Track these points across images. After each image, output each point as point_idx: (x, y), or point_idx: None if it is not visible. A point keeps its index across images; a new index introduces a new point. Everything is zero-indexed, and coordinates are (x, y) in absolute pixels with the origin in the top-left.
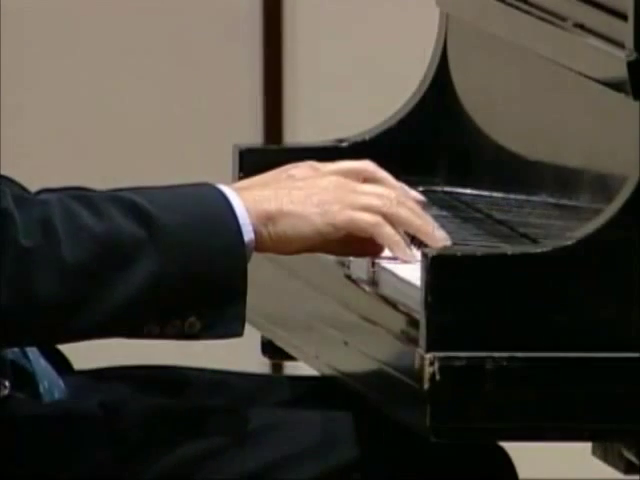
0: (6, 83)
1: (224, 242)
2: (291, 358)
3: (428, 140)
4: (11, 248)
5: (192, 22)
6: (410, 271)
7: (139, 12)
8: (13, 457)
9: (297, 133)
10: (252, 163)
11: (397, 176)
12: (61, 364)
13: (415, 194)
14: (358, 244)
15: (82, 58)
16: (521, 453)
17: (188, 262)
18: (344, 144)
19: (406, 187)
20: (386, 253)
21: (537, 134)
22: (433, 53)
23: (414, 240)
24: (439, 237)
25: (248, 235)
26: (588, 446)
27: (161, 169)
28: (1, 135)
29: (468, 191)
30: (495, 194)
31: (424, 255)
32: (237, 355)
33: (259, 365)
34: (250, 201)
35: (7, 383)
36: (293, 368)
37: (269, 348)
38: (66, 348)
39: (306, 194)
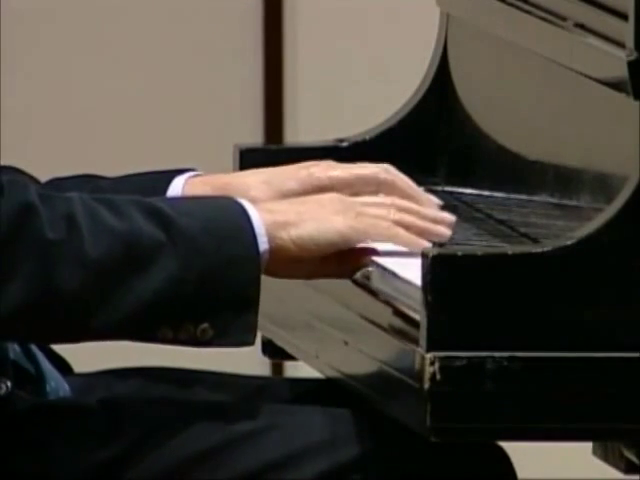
0: (6, 81)
1: (240, 250)
2: (291, 358)
3: (428, 140)
4: (37, 241)
5: (193, 22)
6: (410, 271)
7: (139, 12)
8: (14, 453)
9: (297, 133)
10: (252, 163)
11: None
12: (61, 366)
13: (435, 200)
14: (351, 263)
15: (81, 57)
16: (521, 453)
17: (205, 267)
18: (344, 144)
19: (428, 195)
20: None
21: (537, 134)
22: (433, 53)
23: None
24: (442, 232)
25: (263, 246)
26: (588, 446)
27: (161, 169)
28: (1, 131)
29: (468, 191)
30: (495, 194)
31: (424, 255)
32: (237, 355)
33: (259, 365)
34: (265, 212)
35: (8, 383)
36: (293, 368)
37: (269, 348)
38: (65, 351)
39: (319, 205)
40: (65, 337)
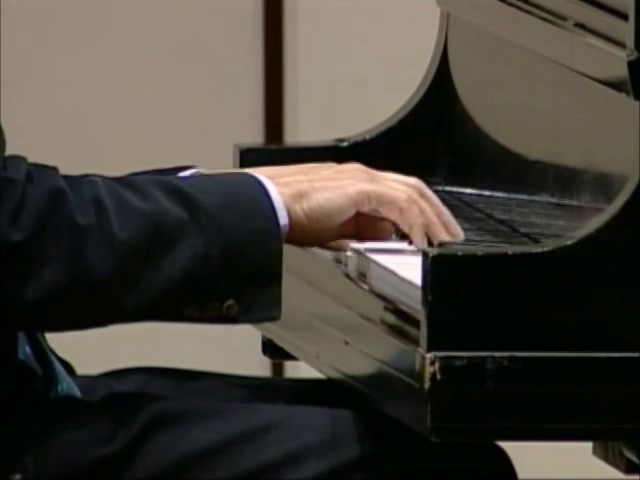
0: (6, 81)
1: (261, 225)
2: (291, 358)
3: (428, 140)
4: (68, 227)
5: (193, 22)
6: (411, 270)
7: (140, 12)
8: (15, 451)
9: (297, 133)
10: (253, 163)
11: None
12: (64, 368)
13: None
14: (370, 227)
15: (81, 57)
16: (521, 453)
17: (228, 244)
18: (344, 144)
19: (450, 215)
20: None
21: (537, 134)
22: (434, 53)
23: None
24: (453, 233)
25: (282, 220)
26: (588, 446)
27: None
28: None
29: (468, 191)
30: (496, 194)
31: (425, 254)
32: (237, 355)
33: (259, 365)
34: (282, 185)
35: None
36: (294, 368)
37: (269, 348)
38: (66, 352)
39: (335, 172)
40: (96, 322)
